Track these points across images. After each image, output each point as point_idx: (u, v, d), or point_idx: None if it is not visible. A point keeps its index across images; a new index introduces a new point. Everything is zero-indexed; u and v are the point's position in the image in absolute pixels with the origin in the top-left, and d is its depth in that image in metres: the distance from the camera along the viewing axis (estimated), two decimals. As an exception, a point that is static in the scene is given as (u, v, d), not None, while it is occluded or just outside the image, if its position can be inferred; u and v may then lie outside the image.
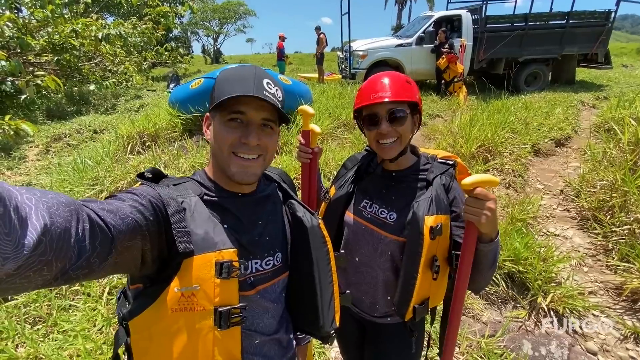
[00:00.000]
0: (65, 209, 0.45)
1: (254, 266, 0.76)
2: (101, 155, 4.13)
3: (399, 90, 0.99)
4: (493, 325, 2.18)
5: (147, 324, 0.64)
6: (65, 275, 0.45)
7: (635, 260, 2.50)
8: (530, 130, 5.18)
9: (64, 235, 0.43)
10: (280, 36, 11.27)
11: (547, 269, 2.42)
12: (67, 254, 0.44)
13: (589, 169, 3.81)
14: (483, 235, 0.89)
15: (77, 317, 2.11)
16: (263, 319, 0.78)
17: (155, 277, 0.66)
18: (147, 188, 0.65)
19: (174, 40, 24.64)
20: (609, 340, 2.13)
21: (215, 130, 0.74)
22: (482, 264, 0.92)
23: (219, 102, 0.70)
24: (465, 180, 0.83)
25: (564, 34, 8.30)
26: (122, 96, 9.68)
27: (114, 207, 0.55)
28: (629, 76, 10.78)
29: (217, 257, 0.65)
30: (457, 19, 8.28)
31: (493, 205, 0.82)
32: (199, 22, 32.60)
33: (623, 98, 5.39)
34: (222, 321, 0.65)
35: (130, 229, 0.56)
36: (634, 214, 2.82)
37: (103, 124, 6.87)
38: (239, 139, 0.72)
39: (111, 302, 2.23)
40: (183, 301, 0.63)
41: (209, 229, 0.67)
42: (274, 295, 0.80)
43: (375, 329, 1.20)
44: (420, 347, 1.18)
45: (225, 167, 0.74)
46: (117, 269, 0.57)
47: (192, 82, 4.77)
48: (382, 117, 1.00)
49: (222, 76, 0.75)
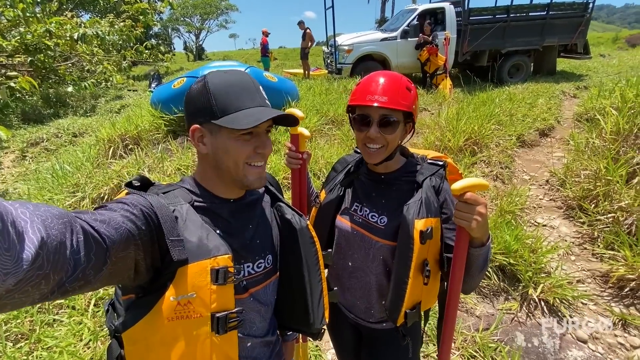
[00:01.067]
0: (59, 222, 0.45)
1: (246, 269, 0.77)
2: (81, 160, 3.97)
3: (396, 96, 0.95)
4: (487, 319, 2.21)
5: (143, 334, 0.64)
6: (61, 288, 0.45)
7: (620, 248, 2.56)
8: (515, 121, 5.26)
9: (59, 248, 0.43)
10: (263, 32, 11.10)
11: (537, 260, 2.46)
12: (63, 266, 0.44)
13: (573, 159, 3.89)
14: (474, 240, 0.88)
15: (62, 332, 2.02)
16: (256, 322, 0.80)
17: (148, 287, 0.65)
18: (137, 197, 0.65)
19: (154, 37, 23.99)
20: (598, 327, 2.18)
21: (224, 145, 0.71)
22: (473, 267, 0.92)
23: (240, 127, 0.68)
24: (454, 186, 0.81)
25: (545, 25, 8.44)
26: (102, 97, 9.36)
27: (106, 217, 0.55)
28: (607, 65, 11.07)
29: (212, 264, 0.66)
30: (440, 12, 8.31)
31: (483, 210, 0.82)
32: (179, 18, 31.80)
33: (603, 88, 5.51)
34: (219, 326, 0.66)
35: (124, 239, 0.56)
36: (617, 202, 2.89)
37: (82, 126, 6.62)
38: (254, 150, 0.73)
39: (98, 315, 2.15)
40: (179, 309, 0.63)
41: (202, 236, 0.67)
42: (265, 298, 0.82)
43: (371, 335, 1.19)
44: (417, 350, 1.17)
45: (240, 179, 0.74)
46: (111, 280, 0.57)
47: (174, 81, 4.64)
48: (373, 121, 0.97)
49: (218, 86, 0.70)
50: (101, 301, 2.28)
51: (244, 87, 0.72)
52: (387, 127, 0.97)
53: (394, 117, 0.97)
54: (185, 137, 4.28)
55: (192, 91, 0.73)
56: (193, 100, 0.72)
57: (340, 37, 8.76)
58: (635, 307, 2.30)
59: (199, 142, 0.74)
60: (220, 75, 0.72)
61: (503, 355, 1.92)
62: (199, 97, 0.71)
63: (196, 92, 0.72)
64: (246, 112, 0.70)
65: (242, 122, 0.68)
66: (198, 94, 0.71)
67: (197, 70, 4.61)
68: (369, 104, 0.95)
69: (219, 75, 0.72)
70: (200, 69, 4.66)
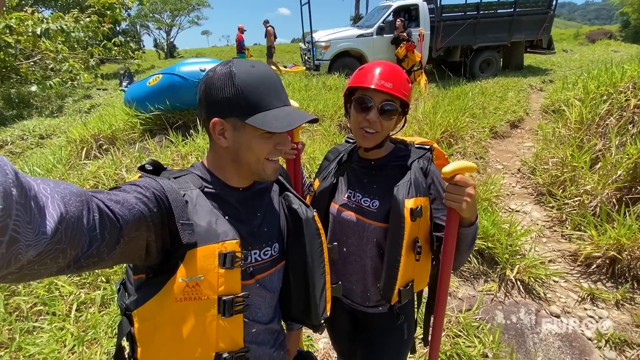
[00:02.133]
0: (77, 199, 0.46)
1: (253, 256, 0.78)
2: (52, 162, 3.79)
3: (399, 84, 0.99)
4: (469, 300, 2.32)
5: (152, 313, 0.65)
6: (77, 263, 0.47)
7: (586, 228, 2.76)
8: (488, 114, 5.50)
9: (77, 224, 0.45)
10: (239, 28, 10.91)
11: (512, 243, 2.60)
12: (79, 242, 0.45)
13: (542, 148, 4.12)
14: (464, 220, 0.92)
15: (44, 338, 1.95)
16: (261, 307, 0.81)
17: (158, 268, 0.67)
18: (149, 180, 0.66)
19: (122, 34, 22.96)
20: (569, 302, 2.35)
21: (248, 142, 0.72)
22: (462, 245, 0.97)
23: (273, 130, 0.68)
24: (445, 169, 0.85)
25: (512, 22, 8.84)
26: (69, 96, 8.89)
27: (120, 198, 0.56)
28: (570, 60, 11.73)
29: (220, 248, 0.67)
30: (414, 9, 8.49)
31: (472, 191, 0.86)
32: (148, 14, 30.57)
33: (567, 81, 5.85)
34: (225, 309, 0.67)
35: (137, 219, 0.57)
36: (582, 186, 3.10)
37: (50, 128, 6.29)
38: (275, 147, 0.75)
39: (81, 320, 2.09)
40: (188, 291, 0.65)
41: (211, 220, 0.69)
42: (271, 284, 0.83)
43: (367, 319, 1.22)
44: (412, 333, 1.22)
45: (259, 172, 0.76)
46: (123, 259, 0.58)
47: (149, 78, 4.49)
48: (375, 106, 1.00)
49: (247, 81, 0.68)
50: (83, 305, 2.21)
51: (272, 84, 0.71)
52: (386, 113, 1.00)
53: (394, 105, 1.00)
54: (162, 135, 4.17)
55: (214, 79, 0.69)
56: (217, 90, 0.69)
57: (316, 33, 8.77)
58: (602, 282, 2.49)
59: (220, 136, 0.72)
60: (247, 69, 0.69)
61: (485, 333, 2.03)
62: (224, 89, 0.68)
63: (220, 83, 0.68)
64: (275, 114, 0.70)
65: (274, 125, 0.68)
66: (222, 85, 0.68)
67: (173, 67, 4.46)
68: (375, 88, 0.98)
69: (246, 68, 0.69)
70: (175, 66, 4.52)
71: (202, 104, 0.73)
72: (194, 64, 4.44)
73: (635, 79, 3.72)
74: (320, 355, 2.01)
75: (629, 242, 2.41)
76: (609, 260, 2.50)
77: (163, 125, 4.28)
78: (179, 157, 3.56)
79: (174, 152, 3.62)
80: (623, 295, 2.31)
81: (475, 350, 1.92)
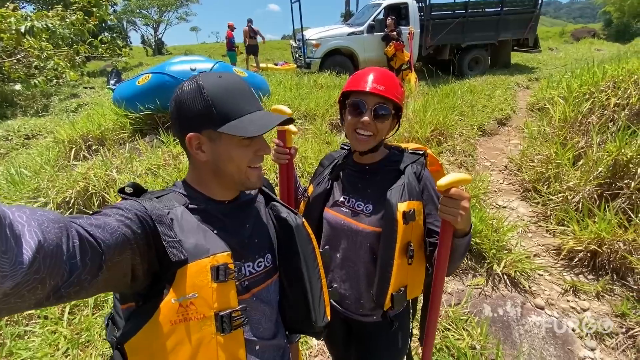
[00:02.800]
0: (55, 226, 0.44)
1: (246, 269, 0.77)
2: (39, 163, 3.73)
3: (391, 88, 1.02)
4: (457, 295, 2.39)
5: (146, 342, 0.62)
6: (57, 293, 0.45)
7: (569, 223, 2.86)
8: (476, 112, 5.60)
9: (56, 252, 0.43)
10: (229, 25, 10.82)
11: (499, 239, 2.69)
12: (59, 271, 0.44)
13: (527, 145, 4.23)
14: (458, 231, 0.92)
15: (36, 342, 1.94)
16: (262, 323, 0.79)
17: (147, 293, 0.64)
18: (131, 202, 0.64)
19: (108, 30, 22.47)
20: (553, 295, 2.44)
21: (227, 152, 0.71)
22: (455, 255, 0.96)
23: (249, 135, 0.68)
24: (440, 182, 0.84)
25: (500, 21, 8.99)
26: (55, 95, 8.69)
27: (101, 222, 0.55)
28: (555, 58, 11.98)
29: (212, 262, 0.65)
30: (404, 7, 8.55)
31: (467, 205, 0.85)
32: (135, 10, 29.97)
33: (551, 79, 6.00)
34: (224, 325, 0.65)
35: (119, 243, 0.55)
36: (566, 183, 3.21)
37: (35, 128, 6.15)
38: (255, 154, 0.74)
39: (74, 323, 2.08)
40: (182, 311, 0.62)
41: (199, 236, 0.67)
42: (268, 297, 0.81)
43: (361, 328, 1.21)
44: (406, 341, 1.22)
45: (242, 182, 0.76)
46: (107, 286, 0.56)
47: (139, 77, 4.44)
48: (368, 108, 1.03)
49: (216, 91, 0.69)
50: (76, 308, 2.20)
51: (242, 92, 0.71)
52: (380, 116, 1.03)
53: (387, 108, 1.03)
54: (154, 135, 4.13)
55: (184, 96, 0.69)
56: (187, 106, 0.69)
57: (307, 31, 8.76)
58: (584, 274, 2.59)
59: (197, 150, 0.71)
60: (214, 79, 0.70)
61: (473, 326, 2.10)
62: (194, 103, 0.68)
63: (190, 97, 0.68)
64: (250, 118, 0.70)
65: (250, 129, 0.68)
66: (192, 99, 0.68)
67: (163, 66, 4.43)
68: (369, 90, 1.01)
69: (212, 79, 0.70)
70: (165, 64, 4.48)
71: (175, 121, 0.72)
72: (184, 63, 4.42)
73: (615, 78, 3.85)
74: (314, 351, 2.05)
75: (608, 236, 2.51)
76: (590, 254, 2.60)
77: (154, 125, 4.24)
78: (171, 157, 3.54)
79: (165, 152, 3.60)
80: (603, 287, 2.41)
81: (464, 343, 1.99)
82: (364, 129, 1.04)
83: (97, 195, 3.01)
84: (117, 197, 2.88)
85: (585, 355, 2.03)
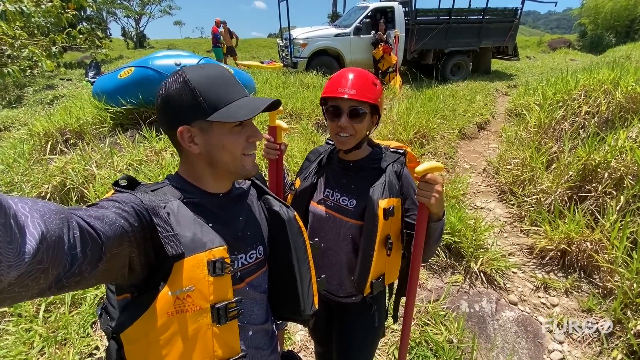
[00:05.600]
0: (57, 217, 0.45)
1: (240, 261, 0.79)
2: (12, 157, 3.57)
3: (363, 90, 1.07)
4: (437, 291, 2.48)
5: (143, 331, 0.63)
6: (59, 283, 0.46)
7: (541, 224, 3.01)
8: (457, 116, 5.78)
9: (58, 242, 0.44)
10: (216, 22, 10.67)
11: (477, 238, 2.80)
12: (61, 261, 0.44)
13: (505, 149, 4.41)
14: (432, 215, 1.03)
15: (9, 340, 1.88)
16: (254, 310, 0.82)
17: (144, 285, 0.65)
18: (127, 195, 0.64)
19: (87, 20, 21.64)
20: (525, 291, 2.56)
21: (219, 140, 0.72)
22: (431, 239, 1.07)
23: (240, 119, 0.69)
24: (417, 168, 0.95)
25: (481, 29, 9.31)
26: (29, 86, 8.33)
27: (99, 214, 0.55)
28: (532, 66, 12.49)
29: (208, 256, 0.67)
30: (390, 11, 8.70)
31: (440, 188, 0.97)
32: (115, 1, 29.01)
33: (528, 87, 6.26)
34: (220, 316, 0.67)
35: (118, 235, 0.56)
36: (540, 185, 3.37)
37: (7, 119, 5.89)
38: (247, 140, 0.75)
39: (50, 321, 2.02)
40: (178, 304, 0.64)
41: (195, 230, 0.68)
42: (260, 286, 0.84)
43: (341, 309, 1.30)
44: (382, 320, 1.31)
45: (238, 170, 0.76)
46: (105, 277, 0.57)
47: (120, 70, 4.32)
48: (344, 112, 1.08)
49: (201, 81, 0.69)
50: (52, 306, 2.14)
51: (227, 80, 0.72)
52: (356, 117, 1.08)
53: (362, 109, 1.08)
54: (135, 130, 4.04)
55: (169, 91, 0.69)
56: (174, 100, 0.69)
57: (294, 30, 8.77)
58: (554, 272, 2.74)
59: (190, 143, 0.71)
60: (197, 71, 0.70)
61: (451, 321, 2.18)
62: (181, 96, 0.68)
63: (176, 91, 0.69)
64: (237, 104, 0.71)
65: (240, 114, 0.69)
66: (179, 93, 0.68)
67: (146, 59, 4.33)
68: (339, 96, 1.06)
69: (196, 70, 0.70)
70: (148, 58, 4.38)
71: (163, 118, 0.72)
72: (169, 58, 4.33)
73: (586, 87, 4.07)
74: (297, 347, 2.08)
75: (577, 236, 2.67)
76: (560, 253, 2.75)
77: (135, 120, 4.15)
78: (153, 152, 3.48)
79: (147, 147, 3.53)
80: (572, 284, 2.56)
81: (442, 337, 2.07)
82: (342, 131, 1.10)
83: (75, 190, 2.92)
84: (97, 193, 2.81)
85: (554, 348, 2.15)
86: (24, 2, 5.97)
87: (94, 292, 2.18)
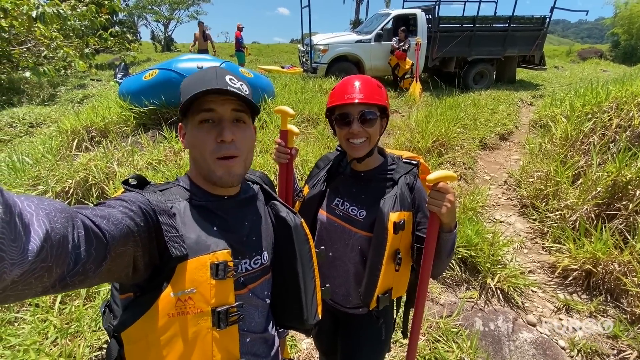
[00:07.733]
0: (62, 216, 0.45)
1: (243, 266, 0.78)
2: (41, 152, 3.74)
3: (370, 93, 1.05)
4: (450, 307, 2.39)
5: (144, 332, 0.63)
6: (62, 282, 0.46)
7: (565, 241, 2.86)
8: (478, 125, 5.62)
9: (62, 241, 0.44)
10: (238, 26, 10.93)
11: (495, 253, 2.69)
12: (65, 260, 0.45)
13: (528, 162, 4.24)
14: (444, 225, 0.99)
15: (26, 330, 1.94)
16: (254, 317, 0.81)
17: (147, 285, 0.65)
18: (135, 194, 0.65)
19: (119, 24, 22.67)
20: (545, 312, 2.43)
21: (190, 136, 0.74)
22: (442, 251, 1.03)
23: (185, 106, 0.71)
24: (429, 176, 0.93)
25: (507, 37, 9.06)
26: (62, 85, 8.75)
27: (106, 213, 0.56)
28: (560, 77, 12.04)
29: (212, 259, 0.67)
30: (412, 18, 8.63)
31: (452, 198, 0.94)
32: (147, 6, 30.24)
33: (555, 97, 6.03)
34: (220, 321, 0.67)
35: (123, 234, 0.56)
36: (564, 200, 3.21)
37: (40, 116, 6.19)
38: (215, 140, 0.71)
39: (64, 312, 2.08)
40: (180, 305, 0.63)
41: (200, 232, 0.69)
42: (263, 293, 0.83)
43: (348, 320, 1.27)
44: (389, 333, 1.28)
45: (209, 174, 0.73)
46: (110, 276, 0.57)
47: (146, 72, 4.47)
48: (354, 118, 1.06)
49: (184, 83, 0.75)
50: (68, 298, 2.20)
51: (202, 78, 0.72)
52: (367, 121, 1.06)
53: (372, 112, 1.06)
54: (156, 130, 4.16)
55: None
56: None
57: (315, 36, 8.84)
58: (577, 294, 2.59)
59: (183, 139, 0.77)
60: (193, 72, 0.76)
61: (463, 339, 2.09)
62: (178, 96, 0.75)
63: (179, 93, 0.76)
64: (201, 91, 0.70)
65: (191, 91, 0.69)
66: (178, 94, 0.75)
67: (170, 62, 4.46)
68: (349, 102, 1.05)
69: (193, 72, 0.77)
70: (172, 61, 4.51)
71: None
72: (192, 61, 4.45)
73: (618, 99, 3.86)
74: (303, 356, 2.04)
75: (604, 257, 2.51)
76: (585, 273, 2.60)
77: (157, 120, 4.27)
78: (172, 153, 3.56)
79: (167, 147, 3.62)
80: (596, 307, 2.40)
81: (453, 356, 1.98)
82: (356, 137, 1.07)
83: (96, 186, 3.03)
84: (116, 190, 2.90)
85: (575, 375, 2.02)
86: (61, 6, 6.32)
87: (108, 286, 2.23)
